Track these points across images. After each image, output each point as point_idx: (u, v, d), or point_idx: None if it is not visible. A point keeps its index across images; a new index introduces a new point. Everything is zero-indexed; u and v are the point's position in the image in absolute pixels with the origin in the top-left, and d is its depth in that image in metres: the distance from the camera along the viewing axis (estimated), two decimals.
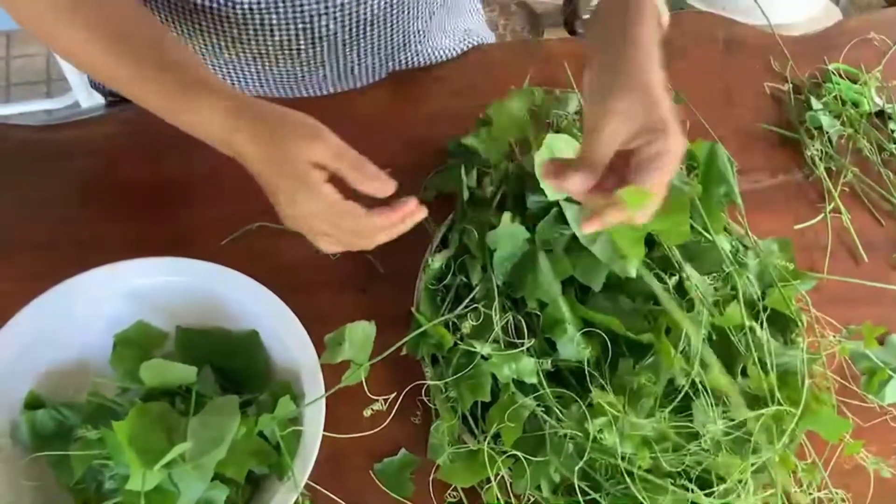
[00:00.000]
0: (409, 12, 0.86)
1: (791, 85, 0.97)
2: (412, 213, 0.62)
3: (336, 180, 0.60)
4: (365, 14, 0.81)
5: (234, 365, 0.66)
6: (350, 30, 0.83)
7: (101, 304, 0.66)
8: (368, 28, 0.84)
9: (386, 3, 0.82)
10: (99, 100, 1.14)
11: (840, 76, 0.98)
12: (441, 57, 0.95)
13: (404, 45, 0.91)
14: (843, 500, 0.68)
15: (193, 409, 0.60)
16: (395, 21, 0.86)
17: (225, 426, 0.57)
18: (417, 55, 0.93)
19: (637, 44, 0.61)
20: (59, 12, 0.62)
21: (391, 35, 0.88)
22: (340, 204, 0.60)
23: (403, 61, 0.92)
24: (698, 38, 1.00)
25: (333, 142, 0.59)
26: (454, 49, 0.97)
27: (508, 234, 0.70)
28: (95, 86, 1.05)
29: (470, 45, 0.99)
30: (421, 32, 0.91)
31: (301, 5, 0.77)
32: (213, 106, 0.60)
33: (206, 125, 0.61)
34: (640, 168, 0.57)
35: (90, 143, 0.82)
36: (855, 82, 0.97)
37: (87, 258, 0.66)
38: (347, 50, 0.86)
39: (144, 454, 0.54)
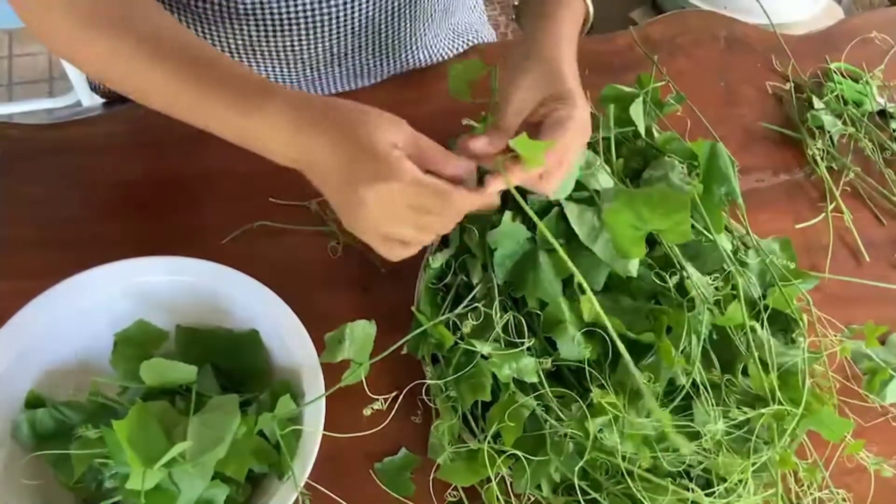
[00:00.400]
0: (408, 17, 0.86)
1: (793, 84, 0.97)
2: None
3: None
4: (363, 19, 0.82)
5: (234, 364, 0.66)
6: (349, 34, 0.83)
7: (102, 303, 0.66)
8: (368, 32, 0.84)
9: (384, 8, 0.82)
10: (99, 100, 1.15)
11: (842, 75, 0.98)
12: (441, 57, 0.95)
13: (404, 47, 0.91)
14: (844, 500, 0.68)
15: (194, 409, 0.60)
16: (394, 25, 0.86)
17: (225, 425, 0.57)
18: (417, 57, 0.93)
19: (551, 19, 0.67)
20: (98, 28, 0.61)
21: (391, 39, 0.88)
22: (425, 180, 0.57)
23: (403, 63, 0.92)
24: (700, 37, 1.00)
25: (410, 129, 0.59)
26: (454, 49, 0.97)
27: (509, 233, 0.70)
28: (94, 87, 1.05)
29: (470, 45, 0.98)
30: (421, 35, 0.91)
31: (299, 9, 0.77)
32: (280, 111, 0.58)
33: (272, 134, 0.59)
34: (544, 130, 0.61)
35: (91, 142, 0.82)
36: (857, 81, 0.97)
37: (88, 257, 0.66)
38: (348, 53, 0.86)
39: (144, 453, 0.54)
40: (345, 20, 0.80)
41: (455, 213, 0.60)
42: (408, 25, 0.88)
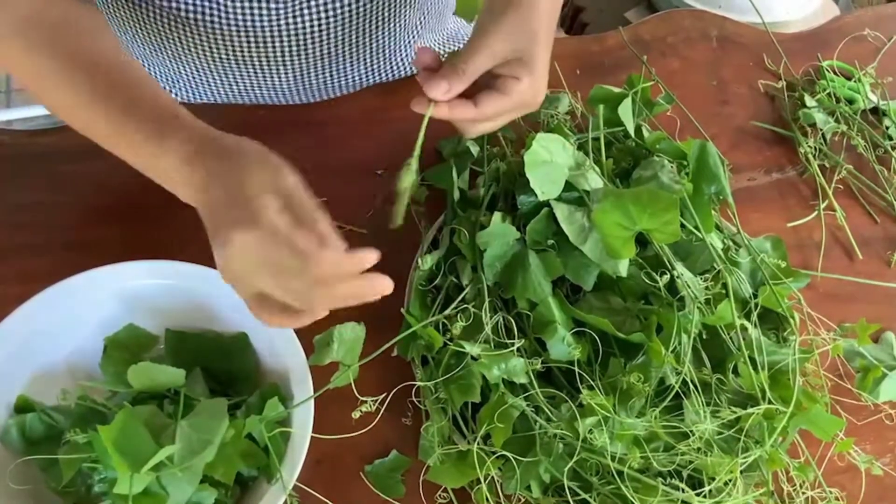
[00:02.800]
0: (390, 30, 0.86)
1: (785, 82, 0.97)
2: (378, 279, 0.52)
3: None
4: (345, 33, 0.82)
5: (223, 367, 0.66)
6: (333, 47, 0.83)
7: (92, 307, 0.66)
8: (355, 41, 0.84)
9: (364, 22, 0.82)
10: None
11: (834, 73, 0.98)
12: None
13: (389, 58, 0.91)
14: (836, 499, 0.68)
15: (182, 412, 0.60)
16: (377, 39, 0.86)
17: (214, 428, 0.57)
18: (403, 68, 0.93)
19: None
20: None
21: (374, 52, 0.88)
22: (282, 234, 0.49)
23: (392, 71, 0.92)
24: (691, 36, 1.00)
25: (292, 177, 0.53)
26: (442, 51, 0.97)
27: (499, 234, 0.70)
28: None
29: (458, 47, 0.98)
30: (404, 46, 0.91)
31: (281, 23, 0.78)
32: (174, 149, 0.55)
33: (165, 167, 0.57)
34: (495, 86, 0.61)
35: (82, 147, 0.81)
36: (849, 79, 0.97)
37: (80, 261, 0.66)
38: (332, 64, 0.86)
39: (131, 457, 0.54)
40: (327, 34, 0.81)
41: (312, 279, 0.50)
42: (393, 38, 0.88)
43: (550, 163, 0.70)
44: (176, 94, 0.90)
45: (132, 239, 0.75)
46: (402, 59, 0.92)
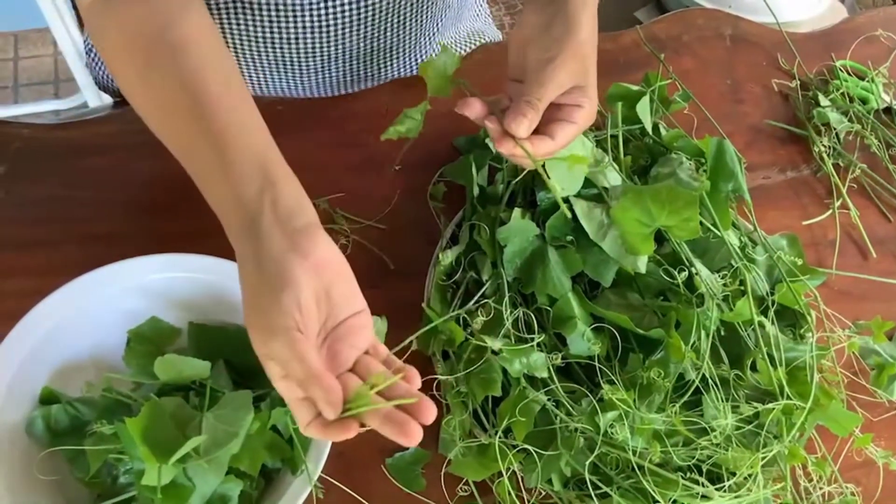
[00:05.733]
0: (415, 25, 0.87)
1: (798, 81, 0.97)
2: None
3: None
4: (371, 26, 0.82)
5: (246, 360, 0.66)
6: (359, 38, 0.83)
7: (115, 300, 0.66)
8: (375, 38, 0.85)
9: (392, 15, 0.82)
10: (107, 100, 1.15)
11: (847, 73, 0.98)
12: None
13: (409, 54, 0.91)
14: (852, 494, 0.68)
15: (207, 404, 0.60)
16: (401, 33, 0.86)
17: (239, 420, 0.57)
18: (425, 59, 0.93)
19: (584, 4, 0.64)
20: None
21: (397, 46, 0.88)
22: (305, 360, 0.49)
23: (412, 66, 0.93)
24: (705, 36, 1.01)
25: (309, 295, 0.51)
26: (461, 51, 0.97)
27: (519, 230, 0.71)
28: (103, 86, 1.06)
29: (476, 45, 0.99)
30: (426, 42, 0.91)
31: (305, 11, 0.78)
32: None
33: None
34: (561, 115, 0.62)
35: (103, 141, 0.82)
36: (862, 79, 0.98)
37: (101, 255, 0.66)
38: (357, 56, 0.86)
39: (158, 449, 0.54)
40: (349, 29, 0.81)
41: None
42: (414, 34, 0.88)
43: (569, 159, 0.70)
44: None
45: (153, 232, 0.76)
46: (422, 55, 0.92)
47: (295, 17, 0.78)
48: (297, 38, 0.81)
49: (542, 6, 0.64)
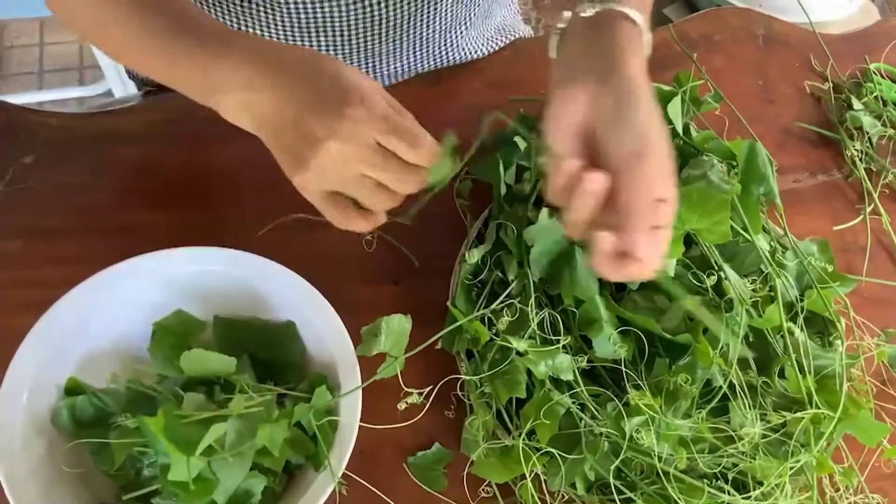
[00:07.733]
0: (446, 19, 0.86)
1: (831, 84, 0.96)
2: None
3: None
4: (398, 23, 0.82)
5: (270, 355, 0.67)
6: (384, 32, 0.83)
7: (141, 292, 0.66)
8: (401, 36, 0.84)
9: (420, 11, 0.82)
10: (132, 89, 1.15)
11: (881, 76, 0.97)
12: (479, 54, 0.94)
13: (437, 50, 0.90)
14: None
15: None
16: (430, 28, 0.86)
17: (263, 416, 0.57)
18: (451, 57, 0.92)
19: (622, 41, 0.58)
20: None
21: (425, 42, 0.87)
22: (395, 118, 0.53)
23: (439, 60, 0.92)
24: (737, 35, 0.99)
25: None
26: (491, 46, 0.96)
27: (546, 231, 0.70)
28: (131, 75, 1.06)
29: (508, 41, 0.98)
30: (456, 37, 0.91)
31: (333, 8, 0.77)
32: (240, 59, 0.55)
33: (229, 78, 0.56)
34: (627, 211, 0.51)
35: (130, 131, 0.82)
36: None
37: (128, 245, 0.66)
38: (382, 50, 0.86)
39: (182, 443, 0.54)
40: (374, 23, 0.80)
41: (416, 174, 0.54)
42: (443, 29, 0.87)
43: None
44: None
45: (180, 224, 0.76)
46: (448, 50, 0.91)
47: (316, 9, 0.77)
48: (318, 31, 0.81)
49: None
